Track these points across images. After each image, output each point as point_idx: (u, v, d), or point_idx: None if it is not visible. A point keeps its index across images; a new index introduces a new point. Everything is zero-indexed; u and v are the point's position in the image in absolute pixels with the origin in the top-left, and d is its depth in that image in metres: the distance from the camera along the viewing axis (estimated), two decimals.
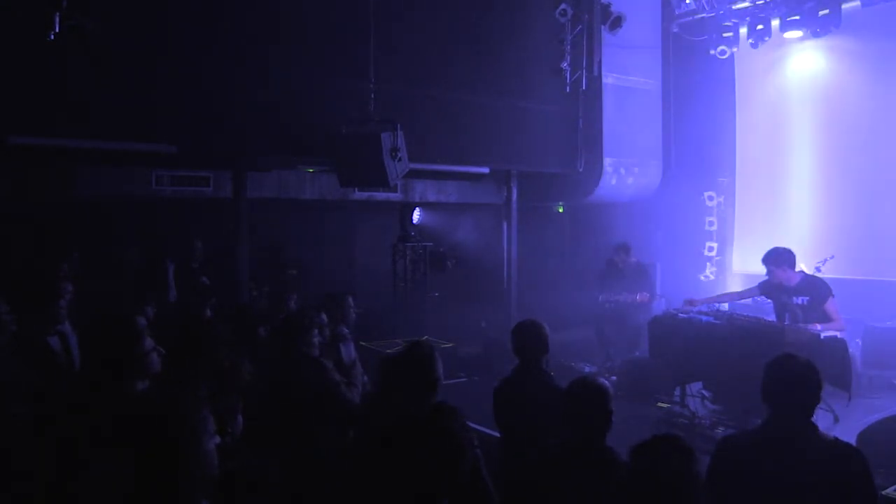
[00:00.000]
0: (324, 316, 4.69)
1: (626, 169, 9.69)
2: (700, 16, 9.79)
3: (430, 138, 7.78)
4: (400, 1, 7.59)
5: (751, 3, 9.22)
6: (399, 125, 6.58)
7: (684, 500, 2.16)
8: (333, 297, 5.32)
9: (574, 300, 9.20)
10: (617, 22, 8.61)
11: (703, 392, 6.57)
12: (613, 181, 9.59)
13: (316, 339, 4.22)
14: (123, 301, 5.61)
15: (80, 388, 2.90)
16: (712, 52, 9.64)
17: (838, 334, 6.01)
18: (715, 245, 10.34)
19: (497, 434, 4.07)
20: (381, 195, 9.99)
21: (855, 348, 7.14)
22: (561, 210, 11.18)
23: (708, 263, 10.35)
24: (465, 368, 7.96)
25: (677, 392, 6.62)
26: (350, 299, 5.33)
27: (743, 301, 7.51)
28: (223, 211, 8.04)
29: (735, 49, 9.62)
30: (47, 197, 7.56)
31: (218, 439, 2.05)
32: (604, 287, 8.17)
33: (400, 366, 3.31)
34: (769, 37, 9.15)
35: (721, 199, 10.35)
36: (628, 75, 9.67)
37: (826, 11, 8.36)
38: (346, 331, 5.16)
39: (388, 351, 7.10)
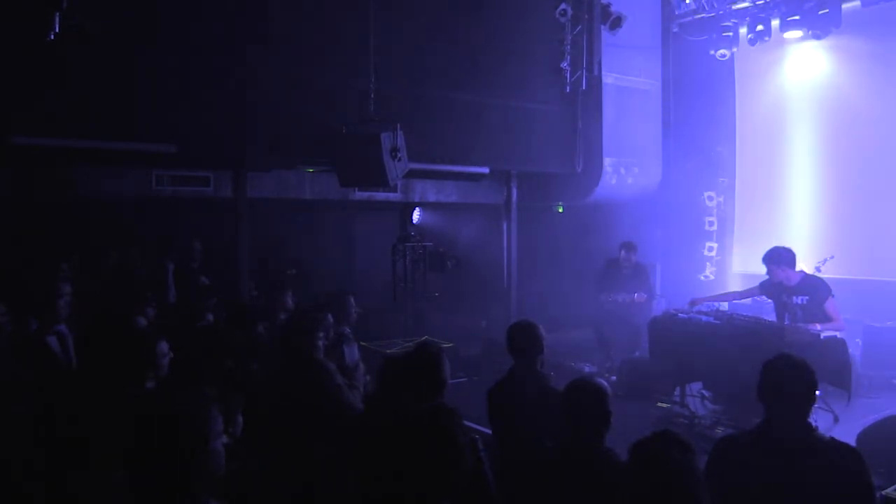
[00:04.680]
0: (330, 317, 4.67)
1: (626, 169, 9.68)
2: (700, 16, 9.80)
3: (430, 138, 7.77)
4: (400, 1, 7.60)
5: (751, 3, 9.23)
6: (399, 125, 6.58)
7: (685, 494, 2.16)
8: (335, 296, 5.28)
9: (574, 300, 9.20)
10: (617, 22, 8.60)
11: (703, 392, 6.57)
12: (613, 181, 9.59)
13: (321, 342, 4.20)
14: (123, 301, 5.60)
15: (85, 388, 2.90)
16: (712, 52, 9.64)
17: (838, 334, 6.02)
18: (715, 245, 10.34)
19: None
20: (381, 195, 9.99)
21: (855, 348, 7.15)
22: (561, 210, 11.18)
23: (708, 263, 10.35)
24: (465, 368, 7.95)
25: (677, 392, 6.63)
26: (351, 299, 5.29)
27: (743, 301, 7.52)
28: (223, 211, 8.04)
29: (735, 49, 9.62)
30: (47, 197, 7.56)
31: (225, 439, 2.05)
32: (603, 287, 8.17)
33: (408, 366, 3.31)
34: (769, 37, 9.16)
35: (721, 199, 10.35)
36: (628, 75, 9.67)
37: (826, 11, 8.36)
38: (348, 331, 5.14)
39: (389, 351, 7.11)
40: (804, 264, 6.67)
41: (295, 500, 3.42)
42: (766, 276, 6.39)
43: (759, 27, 9.15)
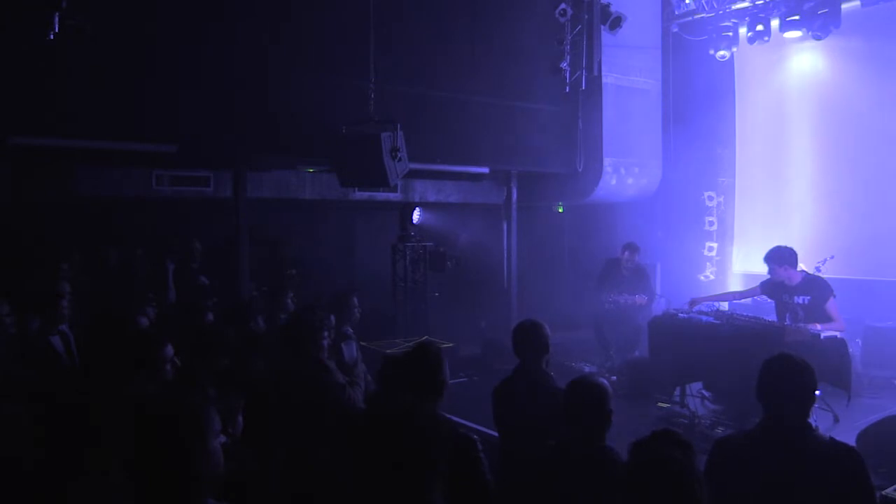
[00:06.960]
0: (332, 318, 4.67)
1: (626, 169, 9.68)
2: (700, 16, 9.80)
3: (430, 138, 7.78)
4: (400, 1, 7.60)
5: (751, 3, 9.23)
6: (399, 125, 6.58)
7: (685, 493, 2.16)
8: (338, 296, 5.28)
9: (574, 300, 9.20)
10: (617, 22, 8.60)
11: (703, 392, 6.58)
12: (613, 181, 9.59)
13: (326, 342, 4.20)
14: (124, 301, 5.60)
15: (86, 388, 2.91)
16: (712, 52, 9.65)
17: (838, 334, 6.01)
18: (715, 245, 10.34)
19: (497, 434, 4.06)
20: (381, 195, 9.99)
21: (855, 348, 7.15)
22: (561, 210, 11.18)
23: (708, 263, 10.35)
24: (465, 368, 7.95)
25: (677, 392, 6.62)
26: (355, 299, 5.29)
27: (743, 301, 7.52)
28: (223, 211, 8.04)
29: (735, 49, 9.62)
30: (47, 197, 7.56)
31: (224, 438, 2.05)
32: (604, 287, 8.16)
33: (407, 367, 3.31)
34: (769, 37, 9.16)
35: (721, 199, 10.35)
36: (628, 75, 9.66)
37: (826, 11, 8.36)
38: (350, 331, 5.14)
39: (389, 351, 7.10)
40: (804, 264, 6.67)
41: (295, 499, 3.42)
42: (767, 276, 6.39)
43: (759, 27, 9.15)
